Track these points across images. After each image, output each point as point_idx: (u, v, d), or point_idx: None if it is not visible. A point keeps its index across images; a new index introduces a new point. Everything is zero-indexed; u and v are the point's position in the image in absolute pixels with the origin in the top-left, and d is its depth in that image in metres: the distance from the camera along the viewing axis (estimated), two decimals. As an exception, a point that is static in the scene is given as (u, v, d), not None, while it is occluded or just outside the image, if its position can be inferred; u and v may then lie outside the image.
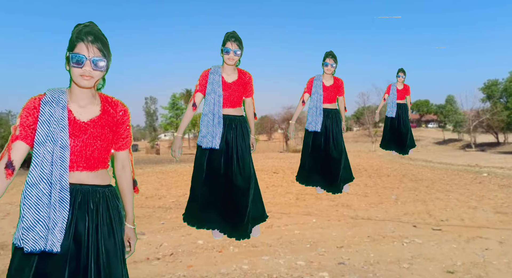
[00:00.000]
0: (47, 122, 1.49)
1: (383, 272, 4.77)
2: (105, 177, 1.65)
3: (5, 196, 7.27)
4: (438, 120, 63.76)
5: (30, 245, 1.40)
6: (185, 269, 4.91)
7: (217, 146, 2.66)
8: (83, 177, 1.56)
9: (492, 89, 39.93)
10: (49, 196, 1.44)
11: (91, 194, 1.56)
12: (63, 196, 1.47)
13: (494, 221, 7.24)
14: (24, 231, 1.41)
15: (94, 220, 1.54)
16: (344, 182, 3.92)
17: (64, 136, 1.49)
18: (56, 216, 1.44)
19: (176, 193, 11.35)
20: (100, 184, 1.61)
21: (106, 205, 1.59)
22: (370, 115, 43.07)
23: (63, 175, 1.47)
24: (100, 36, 1.53)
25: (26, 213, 1.42)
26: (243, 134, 2.80)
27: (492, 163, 19.55)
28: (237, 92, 2.76)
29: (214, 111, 2.67)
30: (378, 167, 18.35)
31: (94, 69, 1.50)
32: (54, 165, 1.46)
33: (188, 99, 53.36)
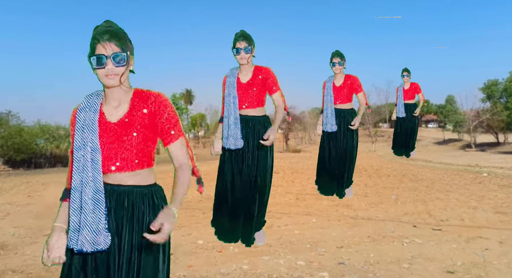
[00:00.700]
0: (82, 128, 1.53)
1: (383, 272, 4.77)
2: (144, 176, 1.60)
3: (5, 196, 7.34)
4: (438, 120, 63.81)
5: (78, 246, 1.47)
6: (185, 269, 4.91)
7: (239, 146, 2.66)
8: (119, 178, 1.55)
9: (492, 89, 39.95)
10: (82, 199, 1.49)
11: (127, 194, 1.54)
12: (97, 197, 1.48)
13: (494, 221, 7.24)
14: (72, 233, 1.49)
15: (129, 219, 1.52)
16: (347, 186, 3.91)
17: (94, 139, 1.50)
18: (88, 218, 1.46)
19: (176, 193, 11.34)
20: (138, 184, 1.57)
21: (142, 204, 1.55)
22: (370, 115, 43.07)
23: (96, 177, 1.49)
24: (116, 31, 1.51)
25: (71, 215, 1.50)
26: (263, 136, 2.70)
27: (492, 163, 19.55)
28: (253, 91, 2.70)
29: (231, 112, 2.67)
30: (378, 167, 18.36)
31: (116, 66, 1.50)
32: (89, 168, 1.49)
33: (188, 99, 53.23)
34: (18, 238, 6.59)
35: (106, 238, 1.47)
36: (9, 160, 24.83)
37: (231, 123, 2.65)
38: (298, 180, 13.28)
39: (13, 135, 24.54)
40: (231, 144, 2.66)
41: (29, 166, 24.70)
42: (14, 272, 4.84)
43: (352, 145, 3.76)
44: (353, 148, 3.78)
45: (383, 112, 50.65)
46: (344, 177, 3.81)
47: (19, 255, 5.57)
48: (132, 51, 1.58)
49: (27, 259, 5.34)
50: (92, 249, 1.45)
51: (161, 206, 1.60)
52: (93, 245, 1.45)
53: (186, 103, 48.41)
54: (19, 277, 4.70)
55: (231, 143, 2.66)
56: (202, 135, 54.58)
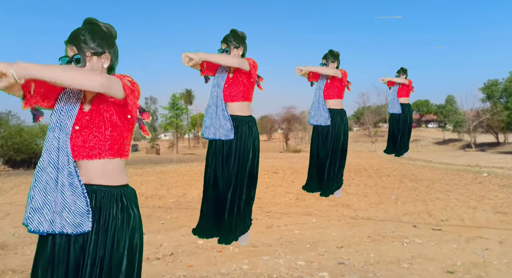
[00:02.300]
0: (60, 110, 1.57)
1: (383, 272, 4.77)
2: (116, 176, 1.61)
3: (5, 195, 7.35)
4: (438, 120, 63.80)
5: (34, 226, 1.48)
6: (185, 269, 4.91)
7: (230, 137, 2.67)
8: (92, 174, 1.56)
9: (492, 89, 39.95)
10: (56, 180, 1.49)
11: (98, 194, 1.55)
12: (71, 181, 1.50)
13: (494, 221, 7.24)
14: (31, 212, 1.49)
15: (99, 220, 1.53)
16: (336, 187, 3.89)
17: (68, 124, 1.55)
18: (66, 200, 1.48)
19: (176, 193, 11.35)
20: (108, 184, 1.58)
21: (115, 207, 1.56)
22: (370, 115, 43.10)
23: (68, 160, 1.52)
24: (77, 33, 1.57)
25: (35, 194, 1.49)
26: (249, 137, 2.73)
27: (492, 163, 19.55)
28: (238, 84, 2.73)
29: (218, 104, 2.70)
30: (378, 167, 18.36)
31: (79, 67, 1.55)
32: (60, 151, 1.52)
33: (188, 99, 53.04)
34: (18, 238, 6.59)
35: (88, 220, 1.49)
36: (9, 160, 24.81)
37: (219, 115, 2.68)
38: (298, 180, 13.28)
39: (13, 135, 24.53)
40: (221, 135, 2.68)
41: (29, 166, 24.67)
42: (14, 272, 4.84)
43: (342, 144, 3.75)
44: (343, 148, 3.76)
45: (383, 112, 50.65)
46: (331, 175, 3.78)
47: (19, 255, 5.57)
48: (95, 47, 1.59)
49: (27, 259, 5.34)
50: (73, 231, 1.47)
51: (131, 208, 1.60)
52: (75, 227, 1.47)
53: (186, 103, 48.41)
54: (19, 277, 4.71)
55: (221, 134, 2.68)
56: (202, 135, 54.46)
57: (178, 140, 45.80)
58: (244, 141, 2.73)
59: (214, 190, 2.77)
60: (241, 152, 2.72)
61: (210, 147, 2.81)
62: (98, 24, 1.63)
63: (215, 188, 2.76)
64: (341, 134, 3.72)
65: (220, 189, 2.75)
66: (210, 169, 2.77)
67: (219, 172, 2.75)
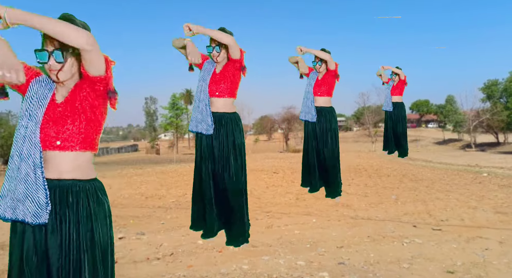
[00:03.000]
0: (30, 98, 1.54)
1: (383, 272, 4.77)
2: (86, 170, 1.60)
3: (5, 196, 7.07)
4: (438, 120, 63.77)
5: (0, 212, 1.49)
6: (185, 269, 4.91)
7: (210, 132, 2.69)
8: (62, 168, 1.54)
9: (492, 89, 39.95)
10: (19, 169, 1.49)
11: (70, 188, 1.54)
12: (35, 171, 1.48)
13: (494, 221, 7.24)
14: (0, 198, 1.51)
15: (74, 214, 1.53)
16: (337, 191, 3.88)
17: (39, 113, 1.52)
18: (29, 190, 1.47)
19: (176, 193, 11.35)
20: (80, 178, 1.56)
21: (86, 200, 1.56)
22: (370, 115, 43.09)
23: (35, 151, 1.49)
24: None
25: (5, 181, 1.51)
26: (233, 132, 2.76)
27: (492, 163, 19.55)
28: (222, 80, 2.73)
29: (202, 98, 2.72)
30: (378, 167, 18.36)
31: (57, 62, 1.50)
32: (26, 140, 1.50)
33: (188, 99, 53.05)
34: (18, 238, 6.59)
35: (45, 213, 1.48)
36: (9, 160, 24.80)
37: (202, 109, 2.71)
38: (298, 180, 13.23)
39: (13, 135, 24.51)
40: (203, 129, 2.71)
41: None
42: (14, 272, 4.84)
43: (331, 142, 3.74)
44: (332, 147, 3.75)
45: (383, 112, 50.60)
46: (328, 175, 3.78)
47: (19, 255, 5.57)
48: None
49: (27, 259, 5.34)
50: (33, 221, 1.47)
51: (105, 200, 1.63)
52: (34, 218, 1.47)
53: (186, 103, 48.33)
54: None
55: (203, 128, 2.71)
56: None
57: (178, 140, 45.80)
58: (232, 136, 2.75)
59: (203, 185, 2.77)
60: (229, 148, 2.73)
61: (196, 142, 2.83)
62: (75, 20, 1.57)
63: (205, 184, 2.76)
64: (329, 132, 3.71)
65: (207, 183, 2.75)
66: (200, 164, 2.77)
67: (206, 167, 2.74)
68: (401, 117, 5.04)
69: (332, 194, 3.86)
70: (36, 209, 1.47)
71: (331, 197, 3.89)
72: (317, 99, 3.68)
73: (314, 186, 3.87)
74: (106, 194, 1.68)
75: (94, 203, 1.58)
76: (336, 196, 3.87)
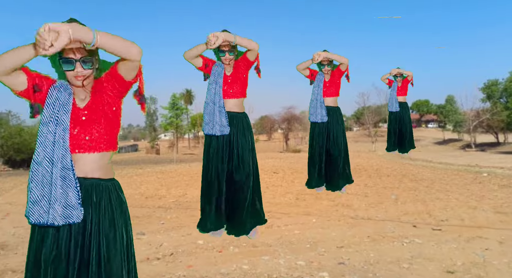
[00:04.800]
0: (52, 105, 1.60)
1: (383, 272, 4.77)
2: (108, 170, 1.69)
3: (5, 195, 7.33)
4: (438, 120, 63.78)
5: (35, 218, 1.51)
6: (185, 269, 4.91)
7: (225, 132, 2.74)
8: (88, 168, 1.61)
9: (492, 89, 39.93)
10: (51, 173, 1.53)
11: (95, 187, 1.61)
12: (65, 174, 1.53)
13: (494, 221, 7.23)
14: (31, 205, 1.52)
15: (97, 213, 1.60)
16: (343, 182, 3.92)
17: (65, 119, 1.58)
18: (57, 193, 1.51)
19: (176, 193, 11.35)
20: (103, 177, 1.64)
21: (108, 199, 1.64)
22: (370, 115, 43.08)
23: (65, 155, 1.55)
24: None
25: (33, 187, 1.53)
26: (244, 131, 2.84)
27: (492, 163, 19.54)
28: (236, 81, 2.79)
29: (215, 101, 2.75)
30: (378, 167, 18.36)
31: (85, 69, 1.58)
32: (56, 145, 1.55)
33: (188, 99, 52.90)
34: (18, 238, 6.59)
35: (79, 212, 1.53)
36: (9, 160, 24.82)
37: (216, 111, 2.74)
38: (298, 180, 13.28)
39: (13, 135, 24.55)
40: (216, 131, 2.75)
41: (29, 166, 24.62)
42: (14, 272, 4.84)
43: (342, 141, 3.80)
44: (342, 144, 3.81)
45: (383, 112, 50.60)
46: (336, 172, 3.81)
47: (19, 255, 5.58)
48: (97, 50, 1.64)
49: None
50: (64, 222, 1.51)
51: (121, 200, 1.70)
52: (64, 219, 1.52)
53: (186, 103, 48.33)
54: (19, 277, 4.71)
55: (216, 130, 2.75)
56: (202, 135, 54.54)
57: (178, 140, 45.79)
58: (242, 135, 2.81)
59: (216, 184, 2.80)
60: (240, 146, 2.79)
61: (207, 143, 2.85)
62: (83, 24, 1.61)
63: (218, 183, 2.79)
64: (339, 131, 3.80)
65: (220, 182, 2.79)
66: (211, 165, 2.81)
67: (221, 166, 2.79)
68: (407, 117, 5.14)
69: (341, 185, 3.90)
70: (68, 210, 1.52)
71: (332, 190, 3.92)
72: (326, 100, 3.76)
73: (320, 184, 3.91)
74: (122, 192, 1.75)
75: (115, 202, 1.66)
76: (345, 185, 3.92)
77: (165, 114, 41.09)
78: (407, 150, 5.28)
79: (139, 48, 1.56)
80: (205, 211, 2.86)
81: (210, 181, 2.81)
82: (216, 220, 2.83)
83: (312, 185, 3.92)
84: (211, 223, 2.83)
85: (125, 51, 1.52)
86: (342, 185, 3.93)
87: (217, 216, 2.83)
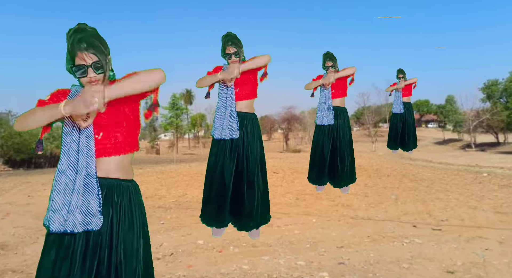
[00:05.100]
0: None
1: (383, 272, 4.77)
2: (129, 171, 1.72)
3: (5, 195, 7.33)
4: (438, 120, 63.81)
5: (56, 227, 1.52)
6: (185, 269, 4.91)
7: (235, 136, 2.76)
8: (110, 168, 1.63)
9: (492, 89, 39.92)
10: (74, 181, 1.54)
11: (116, 188, 1.63)
12: (88, 181, 1.55)
13: (494, 221, 7.23)
14: (51, 213, 1.53)
15: (118, 213, 1.61)
16: (349, 181, 3.94)
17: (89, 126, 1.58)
18: (79, 201, 1.53)
19: (176, 193, 11.35)
20: (124, 178, 1.67)
21: (128, 199, 1.65)
22: (370, 115, 43.09)
23: (89, 162, 1.56)
24: (92, 39, 1.56)
25: (55, 196, 1.54)
26: (254, 132, 2.87)
27: (492, 163, 19.54)
28: (246, 83, 2.83)
29: (227, 105, 2.77)
30: (378, 167, 18.35)
31: (98, 73, 1.58)
32: (80, 153, 1.56)
33: (188, 99, 52.95)
34: (18, 238, 6.59)
35: (98, 220, 1.54)
36: (9, 160, 24.81)
37: (227, 116, 2.75)
38: (298, 180, 13.28)
39: (13, 135, 24.53)
40: (226, 135, 2.76)
41: (29, 166, 24.69)
42: (14, 272, 4.84)
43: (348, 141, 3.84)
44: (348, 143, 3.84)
45: (383, 112, 50.64)
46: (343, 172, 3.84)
47: (19, 255, 5.58)
48: (108, 51, 1.64)
49: (27, 259, 5.34)
50: (83, 229, 1.53)
51: (140, 201, 1.72)
52: (84, 226, 1.53)
53: (186, 103, 48.37)
54: (19, 277, 4.71)
55: (226, 134, 2.76)
56: (202, 136, 54.56)
57: (178, 140, 45.80)
58: (252, 135, 2.84)
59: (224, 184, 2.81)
60: (250, 145, 2.83)
61: (215, 145, 2.86)
62: (88, 29, 1.61)
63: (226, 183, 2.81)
64: (346, 131, 3.85)
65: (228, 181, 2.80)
66: (219, 164, 2.82)
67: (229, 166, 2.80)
68: (411, 117, 5.21)
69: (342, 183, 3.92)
70: (88, 218, 1.53)
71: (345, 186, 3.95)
72: (333, 101, 3.82)
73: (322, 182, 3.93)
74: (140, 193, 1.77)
75: (135, 204, 1.67)
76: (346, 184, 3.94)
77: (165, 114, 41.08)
78: (411, 148, 5.32)
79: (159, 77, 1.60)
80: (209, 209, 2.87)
81: (217, 180, 2.82)
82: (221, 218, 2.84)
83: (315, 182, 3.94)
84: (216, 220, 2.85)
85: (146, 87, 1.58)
86: (349, 183, 3.96)
87: (222, 215, 2.84)
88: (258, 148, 2.88)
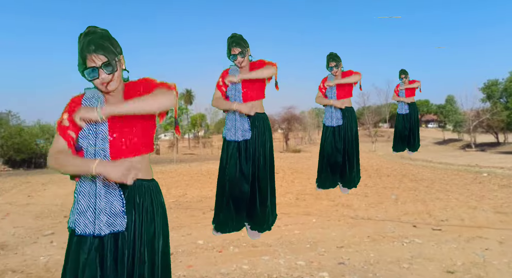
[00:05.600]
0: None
1: (383, 272, 4.77)
2: (148, 171, 1.72)
3: (5, 195, 7.34)
4: (438, 120, 63.84)
5: (81, 228, 1.54)
6: (185, 269, 4.91)
7: (247, 137, 2.79)
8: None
9: (492, 89, 39.92)
10: (95, 184, 1.56)
11: (137, 188, 1.64)
12: (108, 183, 1.56)
13: (494, 221, 7.23)
14: (77, 216, 1.56)
15: (140, 213, 1.63)
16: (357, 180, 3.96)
17: (103, 129, 1.60)
18: (102, 203, 1.54)
19: (176, 193, 11.35)
20: (144, 178, 1.68)
21: (150, 200, 1.67)
22: (370, 115, 43.09)
23: None
24: (100, 41, 1.56)
25: (81, 199, 1.56)
26: (265, 132, 2.89)
27: (492, 163, 19.54)
28: (254, 85, 2.83)
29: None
30: (378, 167, 18.35)
31: (109, 74, 1.58)
32: (97, 156, 1.57)
33: (188, 99, 53.04)
34: (18, 238, 6.59)
35: (123, 220, 1.56)
36: (9, 160, 24.80)
37: (237, 117, 2.77)
38: (298, 180, 13.27)
39: (13, 135, 24.52)
40: (239, 136, 2.79)
41: (29, 166, 24.68)
42: (14, 272, 4.84)
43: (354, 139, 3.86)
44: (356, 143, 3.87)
45: (383, 112, 50.65)
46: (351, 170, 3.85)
47: (19, 255, 5.57)
48: (120, 51, 1.64)
49: (27, 259, 5.34)
50: (109, 230, 1.55)
51: (161, 201, 1.73)
52: (109, 227, 1.55)
53: (186, 103, 48.41)
54: (19, 277, 4.71)
55: (239, 135, 2.79)
56: (202, 136, 54.57)
57: (178, 140, 45.80)
58: (263, 135, 2.87)
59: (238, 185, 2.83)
60: (260, 146, 2.85)
61: (227, 146, 2.87)
62: (98, 31, 1.61)
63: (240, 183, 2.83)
64: (353, 131, 3.89)
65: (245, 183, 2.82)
66: (230, 165, 2.83)
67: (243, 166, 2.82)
68: (415, 117, 5.25)
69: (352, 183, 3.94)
70: (111, 219, 1.55)
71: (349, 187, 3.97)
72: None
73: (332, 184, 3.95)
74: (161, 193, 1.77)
75: (156, 204, 1.69)
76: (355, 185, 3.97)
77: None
78: (416, 148, 5.35)
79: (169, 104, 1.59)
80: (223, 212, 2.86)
81: (234, 184, 2.83)
82: (237, 220, 2.86)
83: (324, 186, 3.95)
84: (232, 223, 2.85)
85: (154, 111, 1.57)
86: (357, 182, 3.99)
87: (240, 220, 2.85)
88: (269, 149, 2.90)
